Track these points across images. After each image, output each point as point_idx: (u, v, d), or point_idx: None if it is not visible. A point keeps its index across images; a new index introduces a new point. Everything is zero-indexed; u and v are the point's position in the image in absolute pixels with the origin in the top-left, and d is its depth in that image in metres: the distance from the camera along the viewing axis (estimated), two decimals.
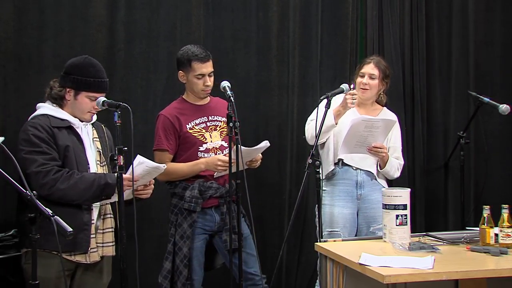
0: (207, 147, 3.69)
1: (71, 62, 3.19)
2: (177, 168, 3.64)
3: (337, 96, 3.69)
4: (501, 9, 5.16)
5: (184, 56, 3.67)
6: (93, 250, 3.10)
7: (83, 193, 2.99)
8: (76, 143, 3.11)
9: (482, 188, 4.94)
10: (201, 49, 3.67)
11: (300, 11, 4.71)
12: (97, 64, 3.19)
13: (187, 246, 3.60)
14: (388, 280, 2.55)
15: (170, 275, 3.62)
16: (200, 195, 3.62)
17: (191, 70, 3.66)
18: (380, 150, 3.78)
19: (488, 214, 3.06)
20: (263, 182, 4.62)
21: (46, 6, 4.15)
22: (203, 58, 3.64)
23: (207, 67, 3.66)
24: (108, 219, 3.19)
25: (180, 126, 3.66)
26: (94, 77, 3.14)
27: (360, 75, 3.94)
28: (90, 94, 3.12)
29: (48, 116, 3.11)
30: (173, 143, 3.67)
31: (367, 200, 3.90)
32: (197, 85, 3.68)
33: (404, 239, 3.12)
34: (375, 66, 3.93)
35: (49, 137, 3.03)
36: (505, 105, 4.36)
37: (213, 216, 3.69)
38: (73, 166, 3.05)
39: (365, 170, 3.89)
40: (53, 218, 2.45)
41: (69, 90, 3.14)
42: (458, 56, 5.06)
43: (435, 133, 5.05)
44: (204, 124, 3.72)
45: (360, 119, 3.70)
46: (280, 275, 4.60)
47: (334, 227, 3.83)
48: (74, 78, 3.12)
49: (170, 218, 3.71)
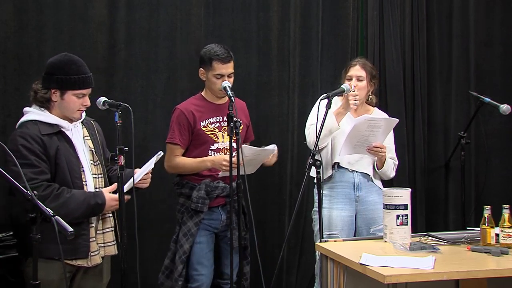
0: (218, 147, 3.72)
1: (52, 61, 3.09)
2: (185, 163, 3.70)
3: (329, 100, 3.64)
4: (501, 9, 5.16)
5: (206, 54, 3.70)
6: (95, 253, 3.08)
7: (72, 212, 2.93)
8: (67, 149, 3.03)
9: (482, 188, 4.94)
10: (224, 50, 3.70)
11: (301, 11, 4.71)
12: (78, 60, 3.09)
13: (189, 243, 3.64)
14: (389, 280, 2.55)
15: (167, 271, 3.69)
16: (207, 196, 3.65)
17: (211, 69, 3.68)
18: (380, 150, 3.78)
19: (488, 214, 3.06)
20: (264, 182, 4.62)
21: (46, 6, 4.15)
22: (224, 58, 3.66)
23: (228, 68, 3.69)
24: (107, 218, 3.18)
25: (194, 123, 3.70)
26: (77, 74, 3.04)
27: (347, 79, 3.92)
28: (77, 91, 3.04)
29: (37, 122, 3.01)
30: (185, 138, 3.70)
31: (365, 202, 3.89)
32: (215, 84, 3.70)
33: (405, 239, 3.12)
34: (361, 67, 3.92)
35: (39, 147, 2.95)
36: (505, 105, 4.36)
37: (219, 215, 3.72)
38: (65, 173, 3.00)
39: (361, 172, 3.89)
40: (53, 218, 2.45)
41: (54, 91, 3.03)
42: (458, 56, 5.05)
43: (436, 133, 5.04)
44: (218, 123, 3.75)
45: (363, 118, 3.69)
46: (280, 275, 4.60)
47: (333, 230, 3.82)
48: (57, 78, 3.03)
49: (177, 217, 3.76)
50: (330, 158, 3.86)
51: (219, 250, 3.81)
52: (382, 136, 3.78)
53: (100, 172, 3.18)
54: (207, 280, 3.69)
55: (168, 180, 4.02)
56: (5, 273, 3.27)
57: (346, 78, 3.92)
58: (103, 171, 3.20)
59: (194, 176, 3.72)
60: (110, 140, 3.34)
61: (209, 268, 3.72)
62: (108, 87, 4.24)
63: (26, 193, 2.49)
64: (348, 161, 3.87)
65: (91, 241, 3.06)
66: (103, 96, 3.15)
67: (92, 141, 3.20)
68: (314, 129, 3.66)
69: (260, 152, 3.63)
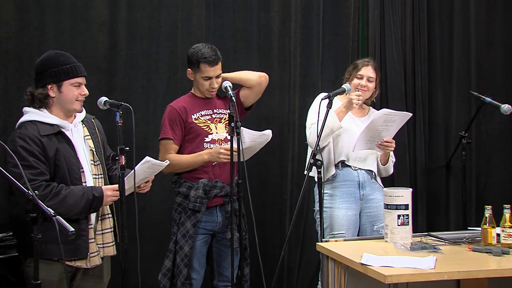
0: (212, 138, 3.69)
1: (39, 61, 3.11)
2: (181, 160, 3.66)
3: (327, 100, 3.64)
4: (502, 9, 5.15)
5: (193, 56, 3.68)
6: (94, 254, 3.07)
7: (72, 207, 2.94)
8: (67, 150, 3.03)
9: (483, 188, 4.94)
10: (211, 51, 3.66)
11: (302, 11, 4.71)
12: (64, 53, 3.12)
13: (188, 245, 3.61)
14: (390, 280, 2.55)
15: (170, 273, 3.63)
16: (205, 195, 3.62)
17: (199, 71, 3.67)
18: (390, 144, 3.79)
19: (490, 214, 3.07)
20: (264, 182, 4.62)
21: (47, 6, 4.16)
22: (212, 61, 3.64)
23: (215, 70, 3.67)
24: (107, 219, 3.17)
25: (186, 117, 3.68)
26: (68, 64, 3.06)
27: (357, 77, 3.92)
28: (73, 80, 3.05)
29: (37, 123, 3.01)
30: (178, 133, 3.68)
31: (369, 200, 3.90)
32: (203, 85, 3.71)
33: (406, 239, 3.12)
34: (373, 69, 3.96)
35: (38, 149, 2.94)
36: (506, 105, 4.35)
37: (215, 216, 3.69)
38: (65, 174, 2.99)
39: (365, 169, 3.90)
40: (54, 218, 2.46)
41: (51, 86, 3.04)
42: (459, 56, 5.05)
43: (437, 133, 5.04)
44: (209, 116, 3.74)
45: (382, 113, 3.69)
46: (281, 275, 4.60)
47: (340, 230, 3.83)
48: (51, 72, 3.04)
49: (174, 217, 3.71)
50: (332, 157, 3.86)
51: (215, 251, 3.77)
52: (394, 131, 3.78)
53: (100, 172, 3.18)
54: (198, 284, 3.68)
55: (168, 180, 4.02)
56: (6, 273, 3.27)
57: (356, 76, 3.92)
58: (103, 171, 3.20)
59: (192, 175, 3.69)
60: (111, 140, 3.35)
61: (200, 271, 3.70)
62: (109, 87, 4.25)
63: (27, 193, 2.49)
64: (355, 158, 3.87)
65: (90, 242, 3.06)
66: (104, 96, 3.15)
67: (92, 141, 3.19)
68: (315, 128, 3.66)
69: (257, 137, 3.60)
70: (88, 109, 3.24)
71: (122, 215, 2.93)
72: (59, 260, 2.88)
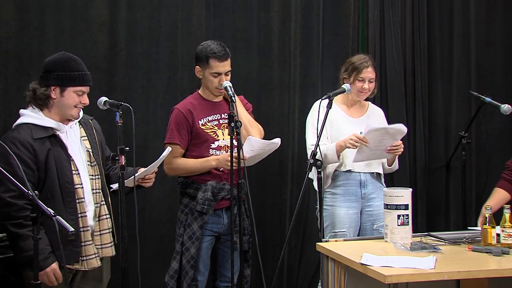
0: (219, 145, 3.65)
1: (50, 59, 3.09)
2: (188, 164, 3.62)
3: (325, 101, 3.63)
4: (502, 9, 5.15)
5: (202, 52, 3.64)
6: (92, 256, 3.05)
7: (20, 248, 2.89)
8: (60, 152, 3.00)
9: (483, 188, 4.92)
10: (221, 47, 3.63)
11: (302, 11, 4.71)
12: (76, 58, 3.09)
13: (195, 247, 3.58)
14: (390, 280, 2.55)
15: (176, 275, 3.60)
16: (213, 197, 3.59)
17: (208, 67, 3.62)
18: (399, 147, 3.78)
19: (490, 214, 3.06)
20: (264, 182, 4.62)
21: (47, 6, 4.16)
22: (221, 56, 3.60)
23: (225, 66, 3.62)
24: (105, 220, 3.15)
25: (193, 121, 3.63)
26: (77, 71, 3.04)
27: (359, 79, 3.90)
28: (77, 88, 3.03)
29: (30, 126, 2.99)
30: (185, 137, 3.63)
31: (371, 199, 3.90)
32: (212, 82, 3.64)
33: (406, 239, 3.12)
34: (373, 69, 3.94)
35: (29, 154, 2.92)
36: (506, 105, 4.35)
37: (222, 218, 3.66)
38: (54, 179, 2.95)
39: (370, 172, 3.91)
40: (54, 218, 2.46)
41: (54, 88, 3.02)
42: (459, 56, 5.05)
43: (437, 133, 5.04)
44: (217, 121, 3.69)
45: (373, 131, 3.66)
46: (281, 275, 4.60)
47: (341, 228, 3.83)
48: (57, 75, 3.01)
49: (180, 218, 3.67)
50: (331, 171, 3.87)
51: (219, 253, 3.76)
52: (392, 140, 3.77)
53: (97, 173, 3.15)
54: (202, 286, 3.67)
55: (168, 180, 4.02)
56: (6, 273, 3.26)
57: (358, 79, 3.90)
58: (100, 171, 3.17)
59: (201, 177, 3.64)
60: (111, 140, 3.34)
61: (205, 273, 3.68)
62: (109, 87, 4.25)
63: (27, 193, 2.49)
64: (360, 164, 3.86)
65: (88, 245, 3.03)
66: (104, 96, 3.14)
67: (89, 141, 3.17)
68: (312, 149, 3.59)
69: (265, 146, 3.59)
70: (87, 109, 3.23)
71: (122, 215, 2.93)
72: (62, 264, 2.88)
